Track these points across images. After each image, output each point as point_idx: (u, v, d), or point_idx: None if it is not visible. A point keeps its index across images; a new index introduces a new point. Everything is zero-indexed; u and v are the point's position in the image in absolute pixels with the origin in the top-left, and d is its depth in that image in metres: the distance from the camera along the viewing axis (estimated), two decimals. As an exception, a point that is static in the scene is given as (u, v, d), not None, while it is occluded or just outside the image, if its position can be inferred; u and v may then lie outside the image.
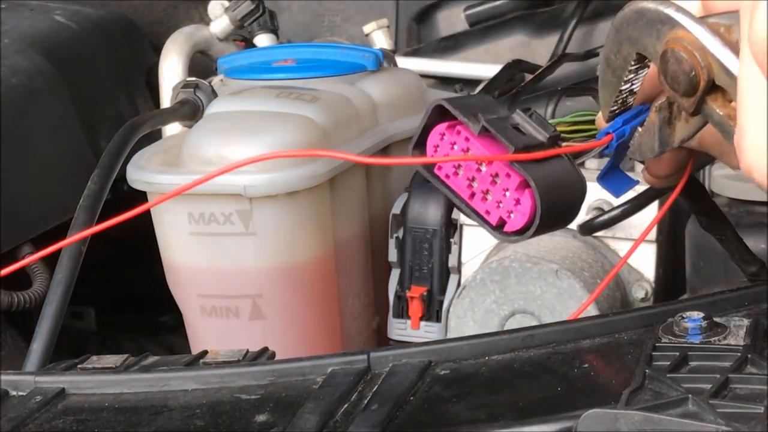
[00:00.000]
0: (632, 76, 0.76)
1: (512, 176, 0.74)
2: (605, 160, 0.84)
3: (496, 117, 0.75)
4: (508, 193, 0.74)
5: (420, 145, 0.78)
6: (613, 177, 0.82)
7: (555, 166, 0.75)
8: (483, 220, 0.76)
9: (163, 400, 0.81)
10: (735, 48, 0.69)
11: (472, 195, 0.76)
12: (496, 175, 0.75)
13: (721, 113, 0.72)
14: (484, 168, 0.75)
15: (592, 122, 0.83)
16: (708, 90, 0.71)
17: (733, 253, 0.97)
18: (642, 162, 0.83)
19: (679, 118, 0.76)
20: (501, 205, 0.75)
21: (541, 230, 0.75)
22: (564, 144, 0.79)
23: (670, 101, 0.75)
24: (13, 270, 0.92)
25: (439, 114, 0.76)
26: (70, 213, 1.13)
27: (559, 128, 0.81)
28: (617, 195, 0.82)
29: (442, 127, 0.77)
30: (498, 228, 0.76)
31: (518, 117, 0.76)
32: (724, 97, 0.72)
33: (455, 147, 0.76)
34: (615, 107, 0.79)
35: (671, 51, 0.71)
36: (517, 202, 0.74)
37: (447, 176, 0.77)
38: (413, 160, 0.78)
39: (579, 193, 0.77)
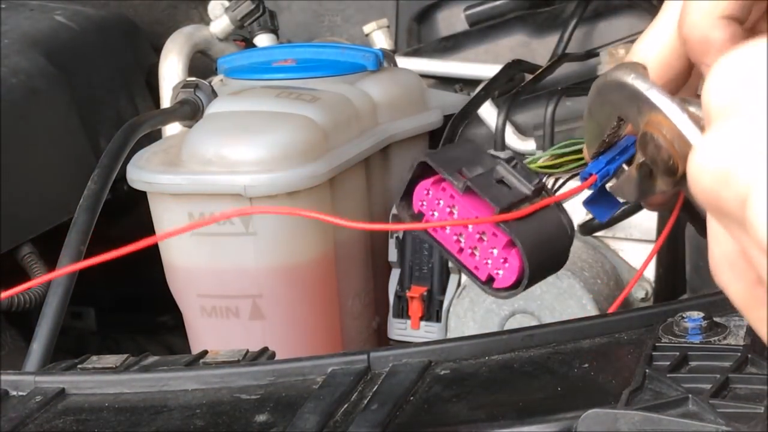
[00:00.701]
0: (615, 130, 0.75)
1: (499, 236, 0.74)
2: None
3: (480, 173, 0.75)
4: (495, 251, 0.74)
5: (407, 197, 0.78)
6: (600, 201, 0.82)
7: (541, 218, 0.75)
8: (472, 275, 0.76)
9: (163, 400, 0.81)
10: None
11: (461, 250, 0.76)
12: (483, 233, 0.75)
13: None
14: (470, 227, 0.75)
15: (579, 152, 0.83)
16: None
17: None
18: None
19: (661, 175, 0.74)
20: (489, 262, 0.75)
21: (531, 284, 0.75)
22: (552, 191, 0.79)
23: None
24: (21, 291, 0.92)
25: (425, 168, 0.76)
26: (70, 213, 1.13)
27: (545, 162, 0.81)
28: (603, 219, 0.82)
29: (427, 183, 0.77)
30: (487, 283, 0.75)
31: (503, 170, 0.76)
32: None
33: (440, 203, 0.76)
34: (599, 150, 0.78)
35: (650, 135, 0.69)
36: (505, 260, 0.74)
37: (435, 230, 0.77)
38: (409, 226, 0.78)
39: (567, 241, 0.77)
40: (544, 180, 0.78)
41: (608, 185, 0.78)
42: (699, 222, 0.98)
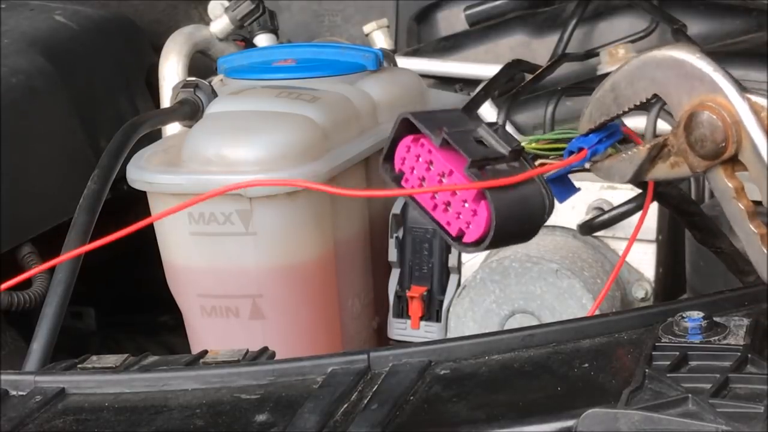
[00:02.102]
0: (634, 109, 0.77)
1: (471, 185, 0.76)
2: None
3: (459, 130, 0.77)
4: (466, 204, 0.76)
5: (389, 158, 0.80)
6: (561, 182, 0.84)
7: (520, 184, 0.77)
8: (444, 231, 0.78)
9: (163, 399, 0.81)
10: None
11: (435, 207, 0.78)
12: (457, 184, 0.77)
13: (728, 183, 0.73)
14: (445, 180, 0.77)
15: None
16: (725, 160, 0.73)
17: (729, 264, 0.97)
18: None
19: (664, 161, 0.77)
20: (460, 216, 0.77)
21: (497, 242, 0.77)
22: (538, 162, 0.82)
23: (665, 143, 0.76)
24: (20, 281, 0.92)
25: (407, 127, 0.78)
26: (70, 213, 1.13)
27: (538, 145, 0.83)
28: (562, 200, 0.84)
29: (408, 140, 0.79)
30: (457, 239, 0.77)
31: (483, 131, 0.78)
32: (734, 168, 0.73)
33: (420, 159, 0.78)
34: (597, 126, 0.79)
35: (707, 115, 0.72)
36: (474, 213, 0.76)
37: (413, 188, 0.79)
38: (395, 192, 0.80)
39: (540, 210, 0.78)
40: (523, 146, 0.79)
41: (596, 165, 0.80)
42: (697, 229, 0.99)
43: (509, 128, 1.41)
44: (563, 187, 0.84)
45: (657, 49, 0.75)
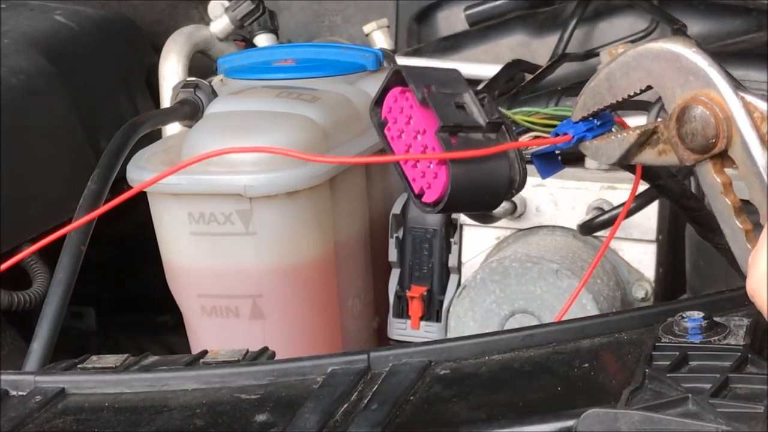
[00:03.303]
0: (628, 99, 0.78)
1: (436, 149, 0.77)
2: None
3: (445, 92, 0.78)
4: (431, 166, 0.78)
5: (378, 105, 0.81)
6: (547, 159, 0.85)
7: (487, 156, 0.78)
8: (409, 187, 0.80)
9: (163, 399, 0.81)
10: (762, 135, 0.71)
11: (406, 160, 0.80)
12: (426, 146, 0.78)
13: (716, 178, 0.74)
14: (419, 137, 0.78)
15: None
16: (715, 155, 0.73)
17: (730, 260, 0.97)
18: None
19: (652, 147, 0.77)
20: (425, 175, 0.78)
21: (453, 208, 0.78)
22: (529, 136, 0.83)
23: (655, 130, 0.77)
24: (11, 264, 0.92)
25: (399, 79, 0.80)
26: (70, 213, 1.13)
27: (535, 119, 0.85)
28: (544, 176, 0.85)
29: (396, 90, 0.80)
30: (418, 197, 0.79)
31: (468, 97, 0.79)
32: (723, 164, 0.74)
33: (403, 112, 0.79)
34: (590, 115, 0.80)
35: (700, 109, 0.72)
36: (435, 175, 0.77)
37: (392, 138, 0.81)
38: (386, 158, 0.82)
39: (503, 185, 0.79)
40: (506, 122, 0.80)
41: (584, 145, 0.80)
42: (698, 224, 0.99)
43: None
44: (549, 163, 0.85)
45: (654, 41, 0.75)
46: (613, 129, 0.81)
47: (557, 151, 0.85)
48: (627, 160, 0.79)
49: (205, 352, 0.89)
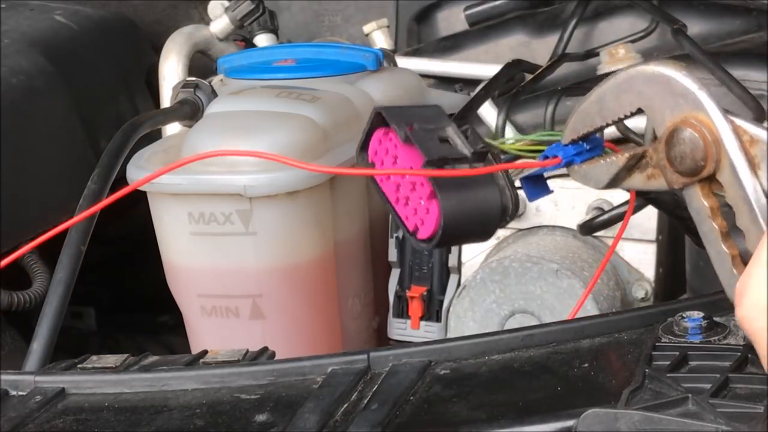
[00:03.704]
0: (618, 122, 0.77)
1: (425, 186, 0.77)
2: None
3: (426, 128, 0.78)
4: (422, 202, 0.78)
5: (364, 148, 0.81)
6: (535, 182, 0.85)
7: (476, 184, 0.78)
8: (403, 224, 0.80)
9: (163, 399, 0.81)
10: (751, 159, 0.71)
11: (398, 200, 0.80)
12: (415, 183, 0.78)
13: (704, 202, 0.74)
14: (407, 176, 0.79)
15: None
16: (703, 178, 0.73)
17: None
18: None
19: (641, 171, 0.77)
20: (417, 212, 0.78)
21: (449, 241, 0.78)
22: (518, 161, 0.83)
23: (644, 154, 0.76)
24: (9, 261, 0.92)
25: (382, 120, 0.80)
26: (70, 213, 1.13)
27: (522, 146, 0.85)
28: (532, 199, 0.86)
29: (380, 132, 0.80)
30: (413, 234, 0.79)
31: (451, 130, 0.79)
32: (711, 187, 0.74)
33: (388, 153, 0.80)
34: (579, 137, 0.80)
35: (689, 132, 0.72)
36: (427, 211, 0.77)
37: (381, 180, 0.81)
38: (360, 171, 0.82)
39: (495, 212, 0.79)
40: (493, 152, 0.80)
41: (572, 168, 0.80)
42: (693, 234, 0.99)
43: (509, 128, 1.41)
44: (537, 187, 0.85)
45: (645, 63, 0.75)
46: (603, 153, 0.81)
47: (545, 174, 0.85)
48: (616, 185, 0.79)
49: (205, 352, 0.89)
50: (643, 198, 0.98)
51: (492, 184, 0.79)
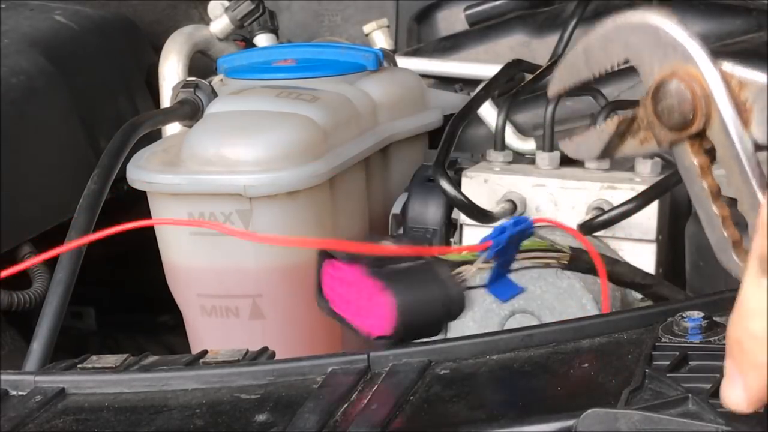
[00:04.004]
0: (605, 74, 0.74)
1: (375, 282, 0.80)
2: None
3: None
4: (372, 300, 0.80)
5: (321, 295, 0.86)
6: (500, 283, 0.86)
7: (422, 282, 0.81)
8: (360, 332, 0.82)
9: (163, 399, 0.81)
10: (741, 107, 0.68)
11: (351, 313, 0.83)
12: (365, 288, 0.80)
13: (694, 160, 0.70)
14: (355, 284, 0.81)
15: (540, 250, 0.86)
16: (693, 134, 0.70)
17: None
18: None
19: (633, 136, 0.73)
20: (372, 312, 0.81)
21: (406, 330, 0.80)
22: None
23: (634, 117, 0.73)
24: (14, 272, 0.92)
25: (325, 256, 0.85)
26: (70, 213, 1.13)
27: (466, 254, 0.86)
28: (504, 300, 0.87)
29: (327, 269, 0.85)
30: (369, 336, 0.82)
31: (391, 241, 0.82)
32: (701, 144, 0.70)
33: (340, 281, 0.83)
34: (567, 91, 0.77)
35: (676, 84, 0.69)
36: (381, 305, 0.79)
37: (344, 311, 0.84)
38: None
39: (440, 310, 0.82)
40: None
41: (564, 142, 0.78)
42: (656, 298, 1.00)
43: (509, 128, 1.41)
44: (504, 287, 0.87)
45: (633, 11, 0.71)
46: (531, 229, 0.83)
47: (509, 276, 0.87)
48: (609, 154, 0.75)
49: (205, 352, 0.89)
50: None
51: (440, 282, 0.81)
